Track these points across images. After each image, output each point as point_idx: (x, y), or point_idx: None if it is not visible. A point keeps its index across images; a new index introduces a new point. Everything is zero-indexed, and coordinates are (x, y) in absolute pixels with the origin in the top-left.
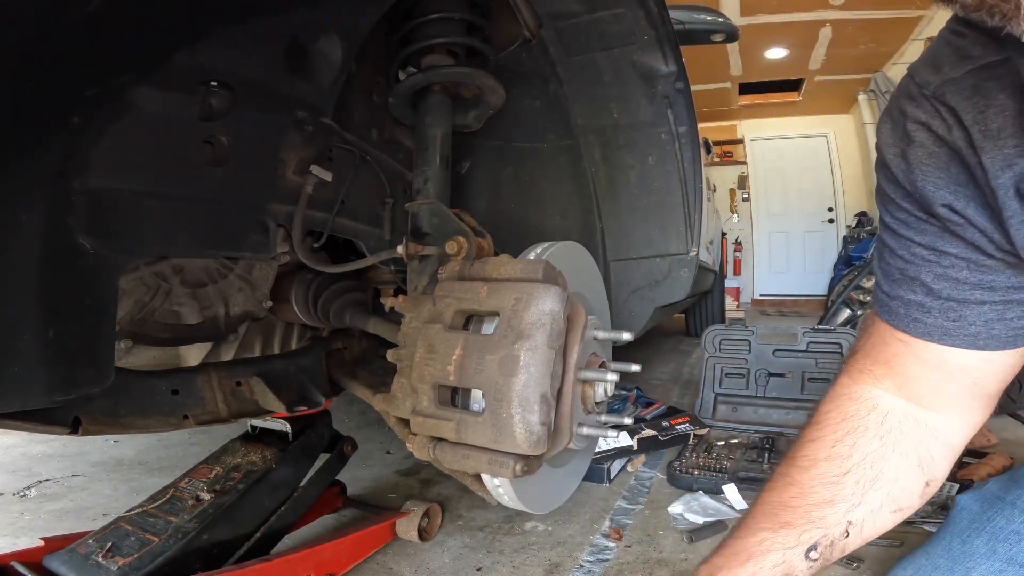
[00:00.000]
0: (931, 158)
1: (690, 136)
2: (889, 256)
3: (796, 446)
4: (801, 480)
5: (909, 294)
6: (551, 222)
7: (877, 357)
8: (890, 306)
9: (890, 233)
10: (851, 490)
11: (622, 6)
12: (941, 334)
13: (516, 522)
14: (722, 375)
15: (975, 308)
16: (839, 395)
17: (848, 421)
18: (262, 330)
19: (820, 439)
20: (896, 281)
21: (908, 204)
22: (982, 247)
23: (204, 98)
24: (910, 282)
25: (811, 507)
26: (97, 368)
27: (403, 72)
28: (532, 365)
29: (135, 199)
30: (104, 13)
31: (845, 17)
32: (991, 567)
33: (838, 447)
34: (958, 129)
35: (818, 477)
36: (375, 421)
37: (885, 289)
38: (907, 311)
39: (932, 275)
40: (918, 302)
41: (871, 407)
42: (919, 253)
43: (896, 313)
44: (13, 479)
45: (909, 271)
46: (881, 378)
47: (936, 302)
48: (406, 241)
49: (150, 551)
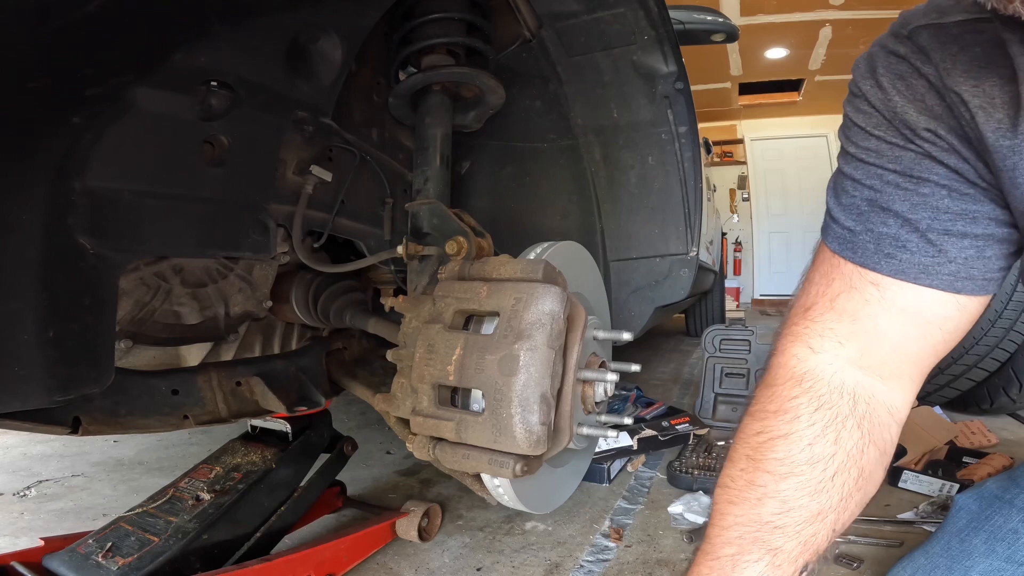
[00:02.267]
0: (910, 89)
1: (690, 136)
2: (852, 188)
3: (762, 442)
4: (781, 491)
5: (881, 227)
6: (551, 222)
7: (842, 309)
8: (855, 242)
9: (855, 163)
10: (839, 495)
11: (622, 6)
12: (918, 271)
13: (516, 522)
14: (722, 375)
15: (956, 242)
16: (804, 373)
17: (824, 410)
18: (262, 330)
19: (795, 435)
20: (863, 214)
21: (882, 131)
22: (964, 174)
23: (204, 98)
24: (881, 213)
25: (800, 525)
26: (97, 368)
27: (403, 72)
28: (532, 365)
29: (135, 199)
30: (104, 13)
31: (845, 17)
32: (990, 566)
33: (819, 445)
34: (930, 65)
35: (801, 487)
36: (375, 421)
37: (848, 224)
38: (878, 246)
39: (908, 204)
40: (892, 235)
41: (840, 386)
42: (893, 180)
43: (865, 249)
44: (13, 479)
45: (880, 200)
46: (845, 340)
47: (913, 235)
48: (406, 241)
49: (150, 551)
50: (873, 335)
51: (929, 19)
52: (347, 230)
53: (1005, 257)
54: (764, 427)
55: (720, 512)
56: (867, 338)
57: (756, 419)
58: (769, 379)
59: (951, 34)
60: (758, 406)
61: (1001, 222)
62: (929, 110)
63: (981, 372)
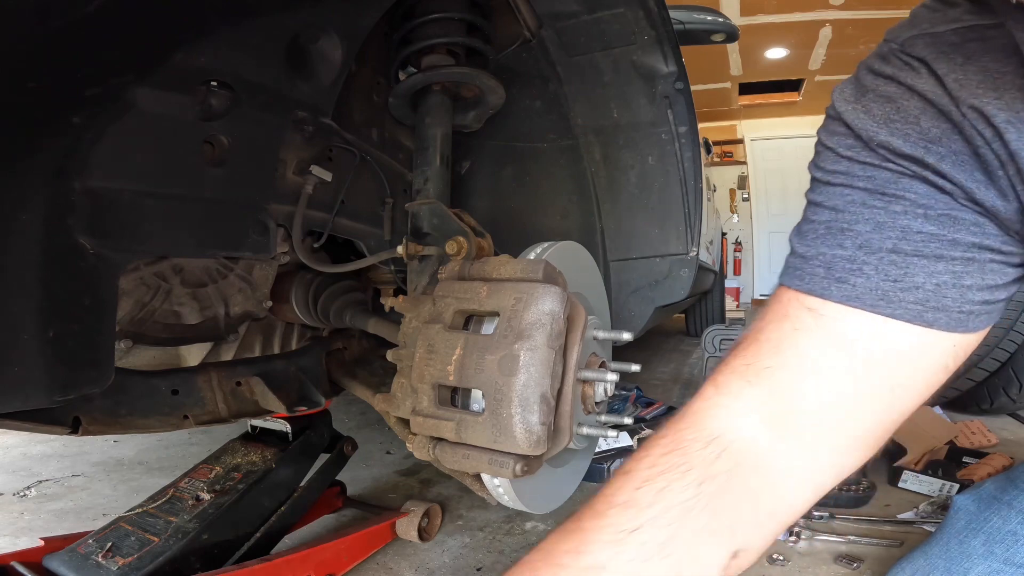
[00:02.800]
0: (899, 112)
1: (690, 136)
2: (812, 213)
3: (615, 473)
4: (586, 529)
5: (835, 249)
6: (551, 222)
7: (765, 340)
8: (803, 269)
9: (819, 188)
10: (631, 555)
11: (622, 6)
12: (876, 298)
13: (516, 522)
14: None
15: (926, 265)
16: (693, 412)
17: (673, 455)
18: (262, 330)
19: (632, 473)
20: (818, 238)
21: (854, 152)
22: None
23: (204, 98)
24: (837, 235)
25: (578, 571)
26: (97, 368)
27: (403, 72)
28: (532, 365)
29: (135, 199)
30: (104, 13)
31: (845, 17)
32: (988, 568)
33: (643, 490)
34: (929, 80)
35: (603, 529)
36: (375, 421)
37: (799, 251)
38: (829, 270)
39: (872, 224)
40: (846, 257)
41: (709, 439)
42: (859, 199)
43: (813, 275)
44: (13, 479)
45: (839, 222)
46: (753, 381)
47: (872, 257)
48: (406, 241)
49: (150, 551)
50: (794, 373)
51: (920, 30)
52: (347, 230)
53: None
54: (624, 464)
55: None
56: (783, 378)
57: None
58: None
59: (950, 42)
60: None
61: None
62: (923, 134)
63: (981, 372)
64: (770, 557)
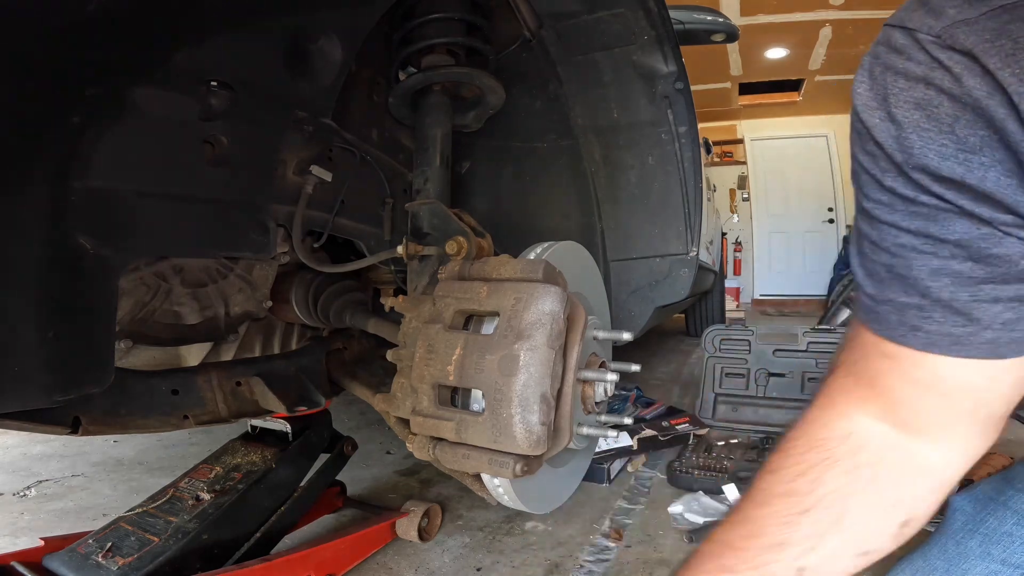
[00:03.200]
0: (932, 120)
1: (690, 136)
2: (871, 251)
3: (758, 476)
4: (754, 517)
5: (902, 296)
6: (551, 222)
7: (860, 375)
8: (878, 312)
9: (870, 222)
10: (807, 532)
11: (622, 6)
12: (949, 343)
13: (516, 522)
14: (722, 375)
15: (987, 308)
16: (811, 420)
17: (815, 451)
18: (262, 330)
19: (781, 470)
20: (883, 281)
21: (891, 179)
22: (995, 222)
23: (204, 98)
24: (900, 282)
25: (759, 551)
26: (97, 368)
27: (403, 72)
28: (532, 365)
29: (135, 199)
30: (104, 13)
31: (845, 17)
32: (986, 568)
33: (799, 482)
34: (974, 77)
35: (772, 515)
36: (375, 421)
37: (870, 292)
38: (901, 317)
39: (927, 271)
40: (915, 305)
41: (845, 436)
42: (909, 243)
43: (886, 321)
44: (13, 479)
45: (897, 268)
46: (864, 400)
47: (937, 305)
48: (406, 241)
49: (150, 551)
50: (891, 401)
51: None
52: (347, 230)
53: None
54: (765, 463)
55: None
56: (887, 402)
57: (769, 455)
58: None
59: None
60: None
61: None
62: (961, 143)
63: None
64: None
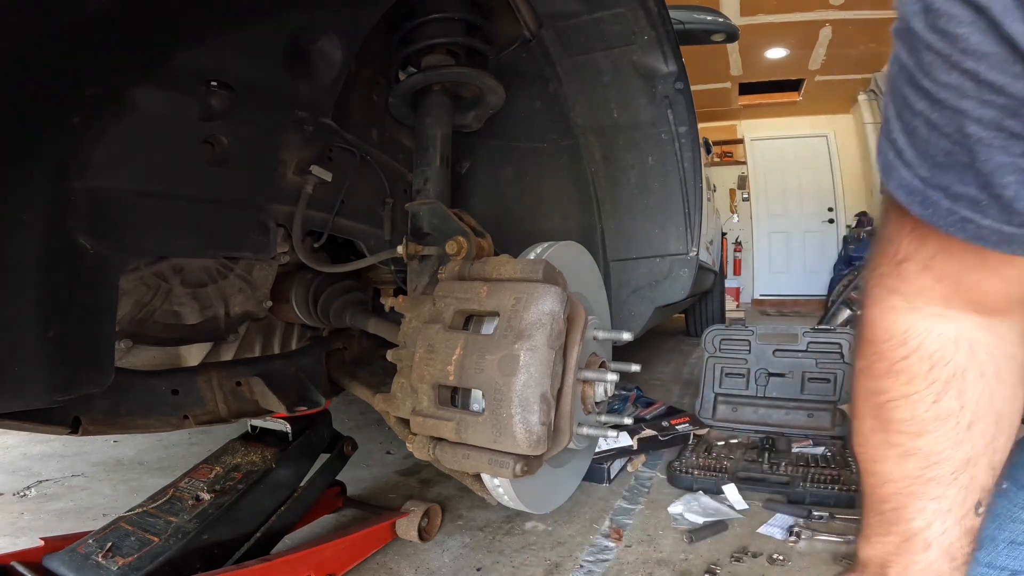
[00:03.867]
0: None
1: (690, 136)
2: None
3: (882, 403)
4: (919, 448)
5: (957, 184)
6: (551, 222)
7: (941, 272)
8: (928, 196)
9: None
10: (982, 441)
11: (622, 6)
12: (998, 240)
13: (516, 522)
14: (722, 375)
15: None
16: (907, 330)
17: (940, 368)
18: (262, 330)
19: (915, 397)
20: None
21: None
22: None
23: (204, 98)
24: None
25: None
26: (97, 368)
27: (403, 72)
28: (532, 365)
29: (135, 199)
30: (104, 13)
31: (845, 17)
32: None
33: (944, 402)
34: None
35: (938, 440)
36: (375, 421)
37: (923, 174)
38: (953, 205)
39: (994, 164)
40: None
41: (953, 338)
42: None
43: (936, 206)
44: (13, 479)
45: (959, 154)
46: (948, 297)
47: (995, 201)
48: (406, 241)
49: (150, 551)
50: (978, 294)
51: None
52: (347, 230)
53: None
54: (879, 387)
55: (868, 471)
56: (972, 295)
57: (868, 377)
58: (868, 333)
59: None
60: (865, 362)
61: None
62: None
63: None
64: (770, 557)
